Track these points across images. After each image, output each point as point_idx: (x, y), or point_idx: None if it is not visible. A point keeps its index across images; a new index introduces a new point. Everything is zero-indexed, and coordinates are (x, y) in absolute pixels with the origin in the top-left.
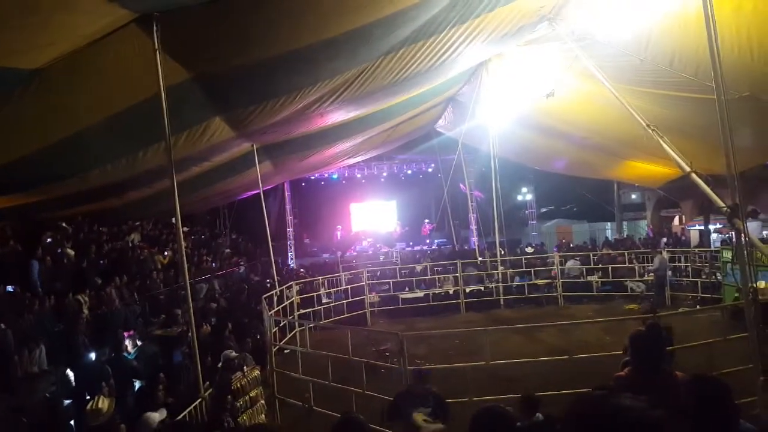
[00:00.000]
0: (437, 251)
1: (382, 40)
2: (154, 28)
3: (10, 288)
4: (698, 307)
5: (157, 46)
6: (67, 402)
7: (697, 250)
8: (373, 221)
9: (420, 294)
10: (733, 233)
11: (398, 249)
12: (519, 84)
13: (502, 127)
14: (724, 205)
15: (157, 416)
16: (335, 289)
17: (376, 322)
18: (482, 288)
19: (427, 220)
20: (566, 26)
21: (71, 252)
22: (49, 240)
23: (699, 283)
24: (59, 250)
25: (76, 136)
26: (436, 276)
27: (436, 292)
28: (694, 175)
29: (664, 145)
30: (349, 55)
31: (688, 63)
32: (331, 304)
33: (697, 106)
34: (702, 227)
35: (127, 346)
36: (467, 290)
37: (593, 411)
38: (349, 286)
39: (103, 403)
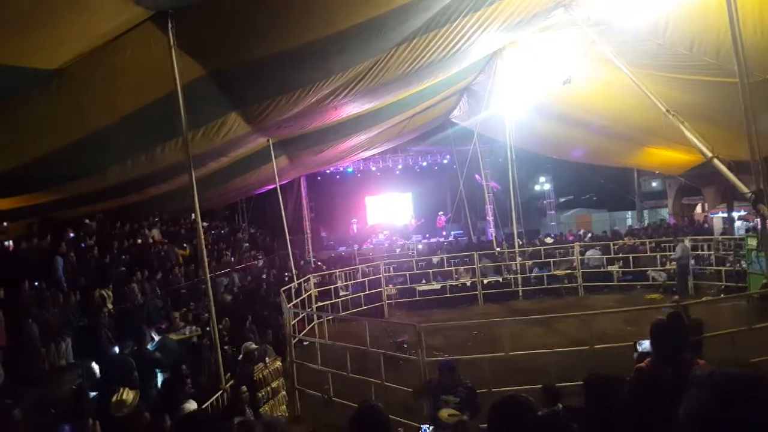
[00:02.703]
0: (454, 243)
1: (394, 30)
2: (169, 25)
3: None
4: (722, 295)
5: (172, 43)
6: (93, 394)
7: (720, 237)
8: (388, 214)
9: (437, 286)
10: (758, 220)
11: (415, 241)
12: (535, 72)
13: (519, 116)
14: (748, 191)
15: (192, 406)
16: (352, 281)
17: (394, 314)
18: (500, 279)
19: (441, 212)
20: (582, 11)
21: (95, 248)
22: (72, 235)
23: (723, 271)
24: (82, 246)
25: (95, 133)
26: (453, 268)
27: (453, 283)
28: (716, 161)
29: (685, 131)
30: (362, 47)
31: (709, 46)
32: (349, 297)
33: (719, 90)
34: (725, 214)
35: (152, 339)
36: (485, 281)
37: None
38: (366, 279)
39: (128, 395)
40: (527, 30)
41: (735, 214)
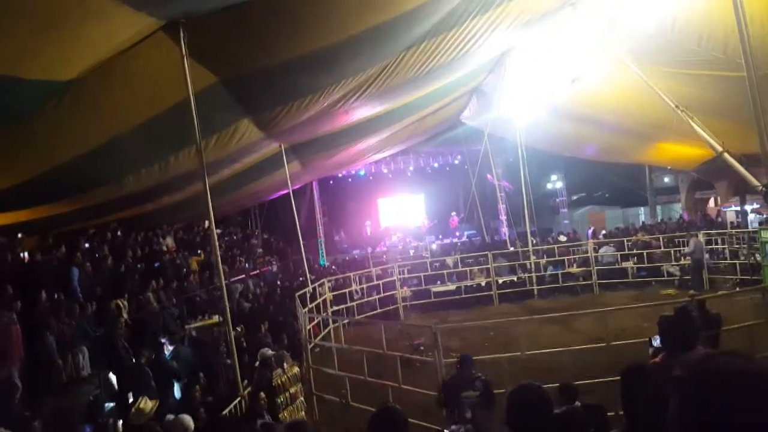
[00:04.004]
0: (468, 243)
1: (404, 35)
2: (181, 34)
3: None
4: (737, 289)
5: (184, 52)
6: (110, 404)
7: (734, 231)
8: (401, 216)
9: (452, 287)
10: None
11: (429, 242)
12: (544, 71)
13: (529, 115)
14: (759, 184)
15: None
16: (367, 284)
17: (409, 316)
18: (515, 279)
19: (454, 213)
20: (590, 10)
21: (108, 257)
22: (86, 246)
23: (737, 265)
24: (97, 256)
25: (109, 143)
26: (468, 268)
27: (468, 284)
28: (726, 155)
29: (695, 126)
30: (372, 52)
31: (717, 41)
32: (364, 300)
33: (729, 84)
34: (738, 208)
35: (168, 349)
36: (499, 281)
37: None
38: (380, 282)
39: (146, 404)
40: (535, 30)
41: (748, 207)
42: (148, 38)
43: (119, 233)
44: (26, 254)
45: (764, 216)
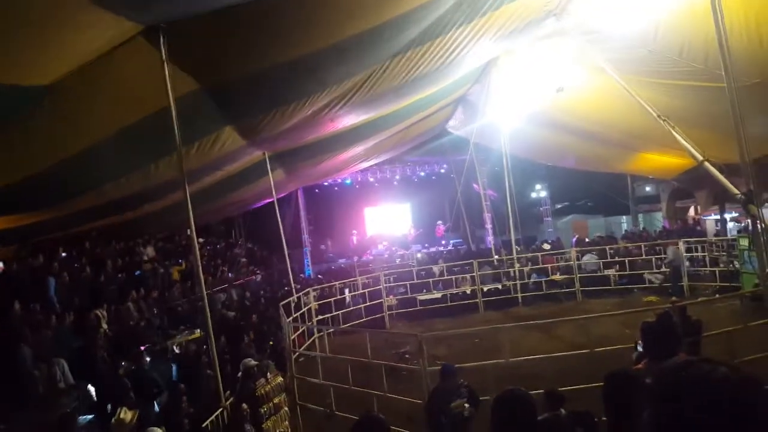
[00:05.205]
0: (453, 251)
1: (389, 42)
2: (161, 39)
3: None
4: (717, 296)
5: (164, 57)
6: (89, 417)
7: (714, 239)
8: (387, 224)
9: (438, 295)
10: (749, 220)
11: (415, 251)
12: (529, 80)
13: (513, 124)
14: (738, 193)
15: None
16: (352, 293)
17: (395, 324)
18: (499, 287)
19: (439, 221)
20: (573, 21)
21: (86, 267)
22: (64, 255)
23: (717, 272)
24: (76, 265)
25: (88, 150)
26: (453, 277)
27: (454, 292)
28: (707, 164)
29: (676, 135)
30: (357, 59)
31: (698, 52)
32: (350, 309)
33: (709, 95)
34: (717, 217)
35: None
36: (484, 289)
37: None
38: (366, 290)
39: (126, 415)
40: (520, 40)
41: (727, 216)
42: (127, 43)
43: (98, 242)
44: (1, 264)
45: (743, 224)
